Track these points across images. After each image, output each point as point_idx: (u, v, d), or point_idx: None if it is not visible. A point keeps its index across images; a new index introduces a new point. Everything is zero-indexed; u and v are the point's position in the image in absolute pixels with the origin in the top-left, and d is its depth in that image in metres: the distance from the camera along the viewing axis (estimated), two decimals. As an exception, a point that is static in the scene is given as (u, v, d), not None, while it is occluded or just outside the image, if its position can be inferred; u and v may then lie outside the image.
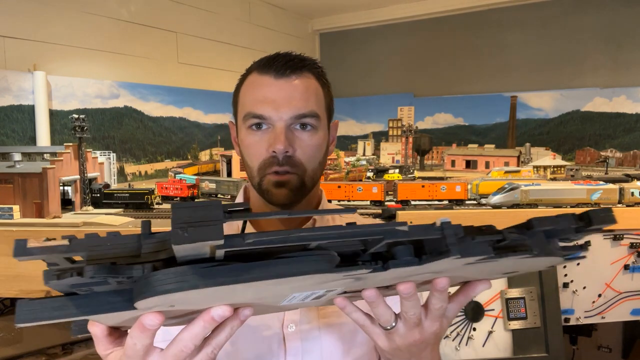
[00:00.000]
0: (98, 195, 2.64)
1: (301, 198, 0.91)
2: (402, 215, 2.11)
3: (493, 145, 4.59)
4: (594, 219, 0.52)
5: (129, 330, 0.50)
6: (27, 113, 2.94)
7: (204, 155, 4.17)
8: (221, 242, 0.39)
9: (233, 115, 0.97)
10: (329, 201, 2.62)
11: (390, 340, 0.63)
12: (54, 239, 0.44)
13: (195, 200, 2.93)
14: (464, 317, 1.78)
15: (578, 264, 1.93)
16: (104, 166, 2.97)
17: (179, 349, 0.50)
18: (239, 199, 1.03)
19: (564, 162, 3.73)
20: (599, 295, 1.93)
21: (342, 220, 1.03)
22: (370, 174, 3.63)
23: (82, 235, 0.44)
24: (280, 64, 0.87)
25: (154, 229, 0.45)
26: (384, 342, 0.64)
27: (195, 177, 3.09)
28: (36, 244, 0.42)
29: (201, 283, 0.40)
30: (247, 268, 0.41)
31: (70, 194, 2.58)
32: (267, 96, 0.86)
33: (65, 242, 0.43)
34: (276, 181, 0.87)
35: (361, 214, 2.40)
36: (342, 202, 2.72)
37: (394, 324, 0.61)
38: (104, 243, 0.43)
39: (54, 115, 3.08)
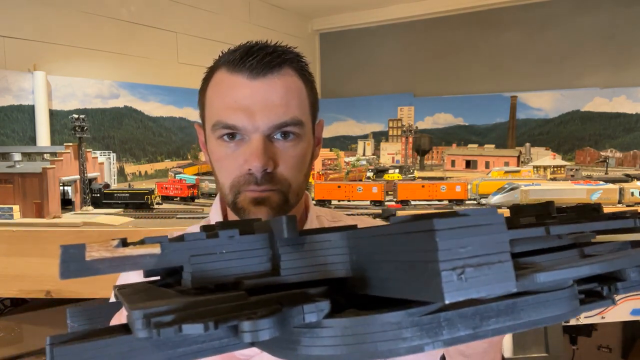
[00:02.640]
0: (98, 195, 2.64)
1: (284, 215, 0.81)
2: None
3: (493, 145, 4.59)
4: None
5: None
6: (27, 113, 2.94)
7: (204, 155, 4.17)
8: (514, 289, 0.26)
9: (200, 117, 0.83)
10: (322, 202, 2.62)
11: None
12: (121, 239, 0.30)
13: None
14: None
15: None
16: (104, 166, 2.97)
17: None
18: (215, 210, 0.89)
19: (564, 162, 3.73)
20: (599, 295, 1.92)
21: (333, 222, 0.92)
22: (370, 174, 3.63)
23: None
24: (256, 61, 0.72)
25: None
26: None
27: (195, 177, 3.09)
28: (103, 252, 0.28)
29: (426, 343, 0.27)
30: (486, 315, 0.28)
31: (70, 194, 2.58)
32: (239, 102, 0.72)
33: (155, 249, 0.30)
34: (254, 198, 0.73)
35: (361, 214, 2.40)
36: (342, 202, 2.72)
37: None
38: (216, 250, 0.31)
39: (54, 115, 3.08)
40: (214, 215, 0.89)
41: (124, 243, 0.30)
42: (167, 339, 0.28)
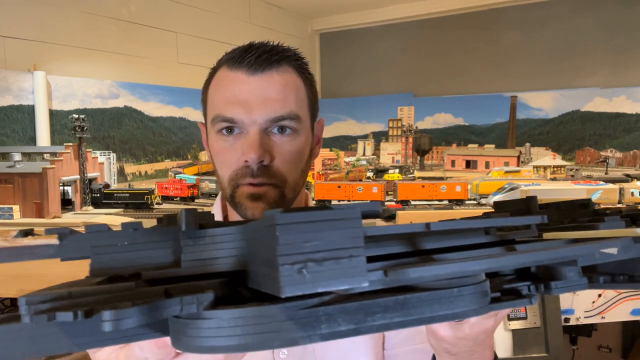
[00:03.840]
0: (98, 195, 2.64)
1: None
2: (403, 216, 2.11)
3: (493, 145, 4.59)
4: None
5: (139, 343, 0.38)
6: (27, 113, 2.94)
7: (204, 155, 4.17)
8: (365, 284, 0.26)
9: (203, 115, 0.85)
10: (324, 202, 2.62)
11: (457, 330, 0.53)
12: (22, 230, 0.31)
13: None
14: (464, 317, 1.77)
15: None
16: (104, 166, 2.97)
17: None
18: (216, 209, 0.90)
19: (564, 162, 3.73)
20: (599, 295, 1.93)
21: None
22: (370, 174, 3.63)
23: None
24: (254, 58, 0.74)
25: None
26: (448, 333, 0.54)
27: (195, 177, 3.09)
28: (1, 242, 0.29)
29: (301, 337, 0.27)
30: (372, 311, 0.28)
31: (70, 194, 2.58)
32: (238, 96, 0.74)
33: (53, 239, 0.31)
34: (251, 193, 0.75)
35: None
36: (342, 202, 2.72)
37: None
38: (117, 242, 0.32)
39: (54, 115, 3.08)
40: (215, 211, 0.90)
41: (25, 233, 0.30)
42: (77, 324, 0.29)
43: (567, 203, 0.50)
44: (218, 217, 0.88)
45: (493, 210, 0.52)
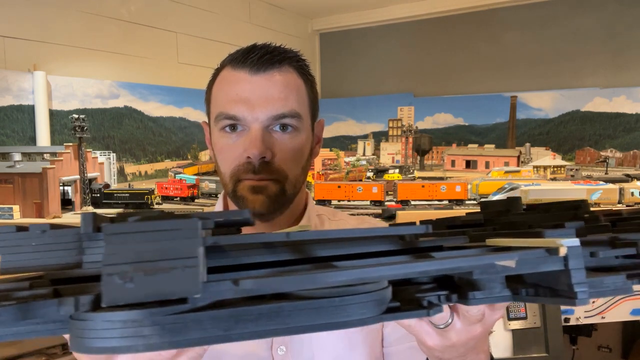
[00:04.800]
0: (98, 195, 2.64)
1: (281, 207, 0.80)
2: (403, 216, 2.11)
3: (493, 145, 4.59)
4: None
5: None
6: (27, 113, 2.94)
7: (204, 155, 4.17)
8: (197, 295, 0.26)
9: (206, 114, 0.87)
10: (322, 202, 2.62)
11: (444, 338, 0.53)
12: None
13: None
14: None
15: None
16: (104, 166, 2.97)
17: (156, 353, 0.41)
18: (218, 206, 0.92)
19: (564, 162, 3.73)
20: (599, 295, 1.92)
21: (332, 224, 0.92)
22: (370, 174, 3.63)
23: None
24: (256, 58, 0.77)
25: None
26: (436, 342, 0.53)
27: (195, 177, 3.09)
28: None
29: (166, 342, 0.27)
30: (244, 319, 0.28)
31: (70, 194, 2.59)
32: (241, 94, 0.77)
33: None
34: (252, 186, 0.77)
35: (361, 214, 2.40)
36: (342, 202, 2.72)
37: (449, 321, 0.51)
38: (26, 243, 0.32)
39: (54, 115, 3.08)
40: (217, 210, 0.90)
41: None
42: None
43: (558, 204, 0.49)
44: None
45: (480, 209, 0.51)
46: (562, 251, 0.32)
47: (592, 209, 0.48)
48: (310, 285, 0.28)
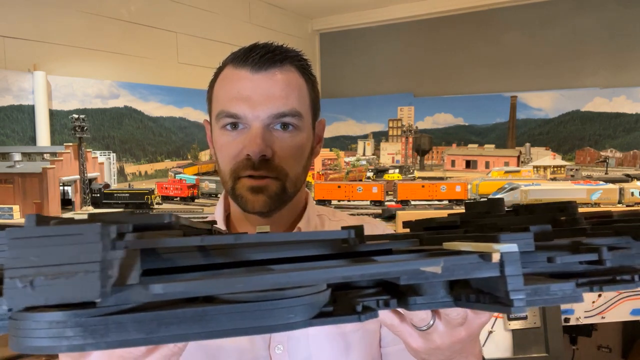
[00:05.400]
0: (98, 195, 2.64)
1: (281, 205, 0.80)
2: (403, 216, 2.11)
3: (493, 145, 4.59)
4: None
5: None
6: (27, 113, 2.94)
7: (204, 155, 4.17)
8: (98, 299, 0.26)
9: (208, 113, 0.87)
10: (322, 202, 2.62)
11: (427, 341, 0.52)
12: None
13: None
14: (464, 317, 1.77)
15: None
16: (104, 166, 2.97)
17: (126, 350, 0.41)
18: (219, 205, 0.92)
19: (564, 162, 3.73)
20: (599, 295, 1.93)
21: (332, 224, 0.92)
22: (370, 174, 3.64)
23: None
24: (258, 56, 0.77)
25: None
26: (420, 344, 0.53)
27: (195, 177, 3.10)
28: None
29: (88, 344, 0.27)
30: (166, 322, 0.28)
31: (70, 194, 2.59)
32: (242, 93, 0.77)
33: None
34: (252, 186, 0.76)
35: (361, 214, 2.40)
36: (342, 202, 2.72)
37: (431, 323, 0.50)
38: None
39: (54, 115, 3.08)
40: (218, 209, 0.92)
41: None
42: None
43: (544, 206, 0.47)
44: (220, 214, 0.90)
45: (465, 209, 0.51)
46: (495, 257, 0.31)
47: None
48: (225, 289, 0.28)
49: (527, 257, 0.35)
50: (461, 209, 2.71)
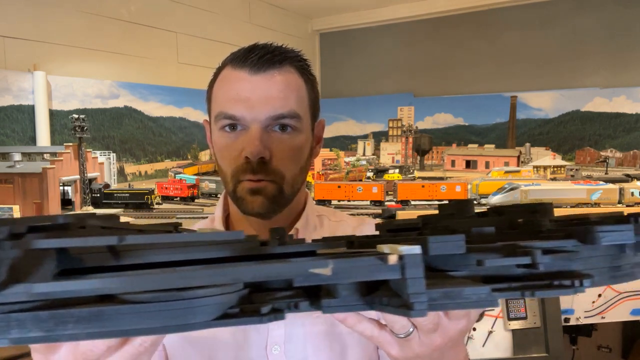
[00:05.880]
0: (98, 195, 2.64)
1: (280, 207, 0.80)
2: (402, 216, 2.11)
3: (493, 145, 4.59)
4: None
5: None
6: (27, 113, 2.94)
7: (204, 155, 4.17)
8: None
9: (207, 112, 0.87)
10: (322, 202, 2.62)
11: (407, 349, 0.52)
12: None
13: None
14: (464, 317, 1.77)
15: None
16: (104, 166, 2.98)
17: (88, 348, 0.41)
18: (219, 206, 0.92)
19: (564, 162, 3.73)
20: (599, 295, 1.93)
21: (331, 225, 0.92)
22: (370, 174, 3.64)
23: None
24: (257, 57, 0.77)
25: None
26: (399, 352, 0.52)
27: (195, 177, 3.10)
28: None
29: None
30: (64, 321, 0.28)
31: (70, 194, 2.59)
32: (241, 94, 0.77)
33: None
34: (251, 188, 0.77)
35: (360, 214, 2.40)
36: (342, 202, 2.72)
37: (410, 330, 0.50)
38: None
39: (54, 115, 3.08)
40: (218, 209, 0.92)
41: None
42: None
43: (514, 207, 0.45)
44: (219, 213, 0.90)
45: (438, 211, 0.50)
46: (392, 259, 0.30)
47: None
48: (118, 289, 0.28)
49: (461, 260, 0.34)
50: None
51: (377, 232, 0.54)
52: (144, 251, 0.33)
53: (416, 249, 0.30)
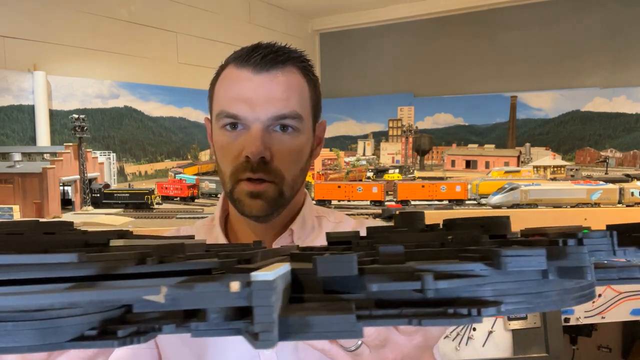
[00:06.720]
0: (98, 195, 2.64)
1: (279, 209, 0.80)
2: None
3: (493, 145, 4.59)
4: None
5: None
6: (27, 113, 2.94)
7: (204, 155, 4.17)
8: None
9: (209, 111, 0.87)
10: (322, 202, 2.62)
11: None
12: None
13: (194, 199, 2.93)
14: (464, 317, 1.77)
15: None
16: (104, 166, 2.98)
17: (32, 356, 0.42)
18: (218, 206, 0.92)
19: (564, 162, 3.73)
20: (599, 295, 1.93)
21: (330, 225, 0.92)
22: (370, 174, 3.64)
23: None
24: (260, 57, 0.76)
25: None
26: None
27: (195, 177, 3.10)
28: None
29: None
30: None
31: (70, 194, 2.59)
32: (243, 93, 0.76)
33: None
34: (250, 191, 0.76)
35: (361, 214, 2.41)
36: (342, 202, 2.72)
37: (359, 343, 0.49)
38: None
39: (54, 115, 3.08)
40: (217, 209, 0.92)
41: None
42: None
43: (466, 220, 0.42)
44: (218, 214, 0.90)
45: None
46: (234, 287, 0.27)
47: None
48: None
49: (357, 281, 0.31)
50: (461, 209, 2.70)
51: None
52: None
53: (268, 276, 0.28)
